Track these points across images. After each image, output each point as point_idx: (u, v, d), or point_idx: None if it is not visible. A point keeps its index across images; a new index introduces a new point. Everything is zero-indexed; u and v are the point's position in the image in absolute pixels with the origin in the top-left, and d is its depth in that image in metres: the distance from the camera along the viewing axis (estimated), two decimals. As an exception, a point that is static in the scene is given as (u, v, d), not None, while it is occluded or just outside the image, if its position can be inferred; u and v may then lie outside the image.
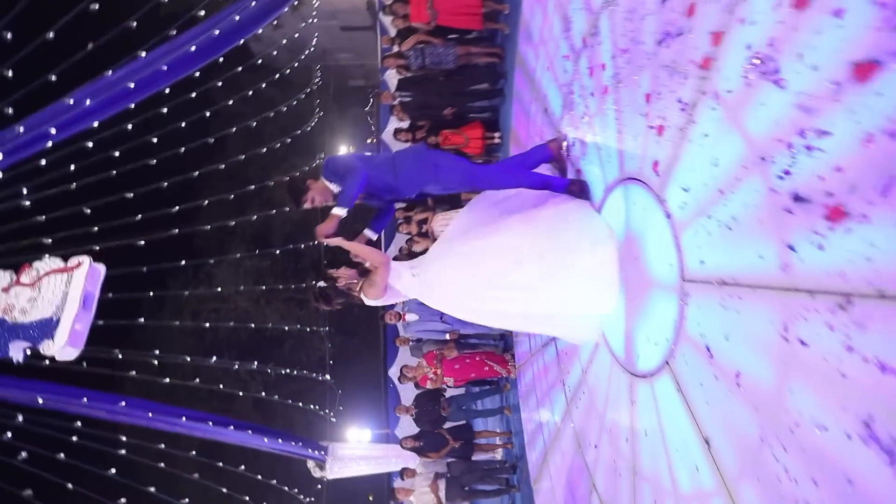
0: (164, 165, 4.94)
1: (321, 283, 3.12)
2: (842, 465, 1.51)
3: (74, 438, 4.42)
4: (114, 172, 4.54)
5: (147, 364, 5.26)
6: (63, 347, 3.20)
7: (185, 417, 5.15)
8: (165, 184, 4.97)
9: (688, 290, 2.34)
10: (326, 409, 9.44)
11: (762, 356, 1.85)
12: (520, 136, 6.00)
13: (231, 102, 5.73)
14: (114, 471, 4.68)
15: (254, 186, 6.50)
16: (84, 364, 3.99)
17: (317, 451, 6.41)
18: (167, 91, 4.11)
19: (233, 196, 6.03)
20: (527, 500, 5.91)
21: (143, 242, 4.84)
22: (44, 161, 3.96)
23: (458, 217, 3.39)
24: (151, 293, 5.80)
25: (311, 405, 8.49)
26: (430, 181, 3.48)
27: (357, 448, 7.18)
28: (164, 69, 3.80)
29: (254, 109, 6.72)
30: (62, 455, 4.42)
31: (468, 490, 6.54)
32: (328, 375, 10.05)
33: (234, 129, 6.01)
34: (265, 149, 6.44)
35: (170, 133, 4.90)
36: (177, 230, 5.28)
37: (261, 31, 4.97)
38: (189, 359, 5.88)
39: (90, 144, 4.12)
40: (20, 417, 4.02)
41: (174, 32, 3.91)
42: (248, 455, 5.90)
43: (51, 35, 3.57)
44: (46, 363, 3.63)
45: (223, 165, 5.69)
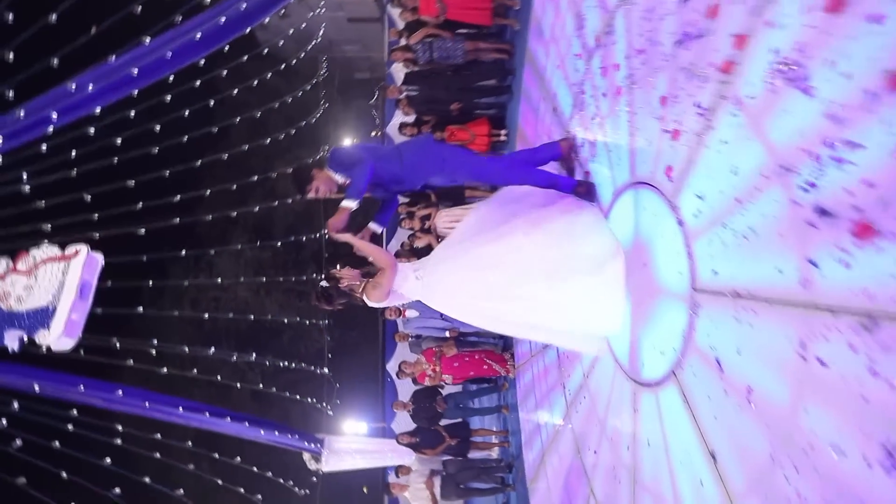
0: (167, 154, 4.90)
1: (323, 283, 3.06)
2: (859, 492, 1.46)
3: (70, 427, 4.39)
4: (115, 160, 4.50)
5: (145, 353, 5.23)
6: (59, 337, 3.16)
7: (182, 407, 5.15)
8: (168, 172, 4.92)
9: (699, 301, 2.27)
10: (323, 402, 9.41)
11: (776, 373, 1.79)
12: (527, 135, 5.92)
13: (236, 92, 5.67)
14: (109, 460, 4.66)
15: (257, 177, 6.46)
16: (82, 352, 3.96)
17: (313, 444, 6.40)
18: (171, 79, 4.06)
19: (235, 186, 6.00)
20: (522, 500, 5.89)
21: (144, 231, 4.79)
22: (44, 146, 3.91)
23: (466, 220, 3.33)
24: (151, 282, 5.76)
25: (309, 398, 8.46)
26: (436, 172, 3.44)
27: (353, 442, 7.18)
28: (169, 56, 3.75)
29: (258, 99, 6.66)
30: (57, 443, 4.39)
31: (463, 488, 6.52)
32: (326, 369, 10.02)
33: (238, 119, 5.96)
34: (269, 139, 6.39)
35: (173, 121, 4.85)
36: (178, 219, 5.23)
37: (267, 20, 4.90)
38: (187, 349, 5.85)
39: (92, 130, 4.07)
40: (16, 405, 3.98)
41: (179, 19, 3.85)
42: (245, 446, 5.88)
43: (53, 18, 3.51)
44: (44, 351, 3.59)
45: (226, 155, 5.64)
